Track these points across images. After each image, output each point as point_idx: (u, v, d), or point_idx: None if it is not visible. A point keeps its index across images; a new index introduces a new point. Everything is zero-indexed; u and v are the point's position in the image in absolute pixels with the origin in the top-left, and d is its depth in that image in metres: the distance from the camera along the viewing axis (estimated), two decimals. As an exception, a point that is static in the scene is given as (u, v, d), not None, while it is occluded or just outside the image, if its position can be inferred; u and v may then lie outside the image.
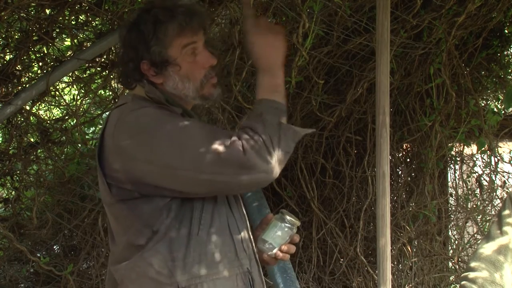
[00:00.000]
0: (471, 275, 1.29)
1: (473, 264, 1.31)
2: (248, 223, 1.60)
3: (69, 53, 2.86)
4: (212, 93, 1.56)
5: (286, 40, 1.54)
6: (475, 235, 3.94)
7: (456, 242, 4.00)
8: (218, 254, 1.43)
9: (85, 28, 2.84)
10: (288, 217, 1.51)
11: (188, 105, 1.59)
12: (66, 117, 3.25)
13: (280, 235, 1.51)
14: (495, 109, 3.90)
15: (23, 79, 2.73)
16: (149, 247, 1.42)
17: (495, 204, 4.09)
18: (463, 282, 1.30)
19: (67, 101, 3.49)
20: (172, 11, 1.49)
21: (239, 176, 1.33)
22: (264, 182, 1.38)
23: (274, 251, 1.52)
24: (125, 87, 1.66)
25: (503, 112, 3.82)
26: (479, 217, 3.94)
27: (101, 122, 3.93)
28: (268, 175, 1.35)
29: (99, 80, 3.19)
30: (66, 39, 3.19)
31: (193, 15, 1.50)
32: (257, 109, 1.43)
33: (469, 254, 3.91)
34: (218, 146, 1.32)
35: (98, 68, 2.94)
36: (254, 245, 1.57)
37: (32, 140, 3.09)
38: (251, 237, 1.57)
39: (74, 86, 3.52)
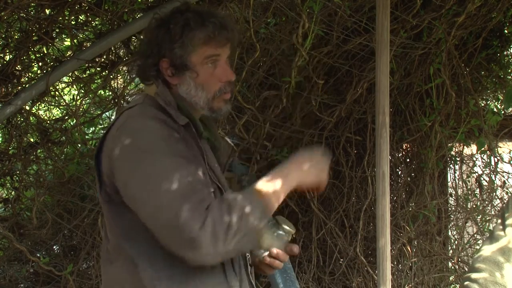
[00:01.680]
0: (474, 275, 1.29)
1: (475, 265, 1.31)
2: None
3: (69, 53, 2.86)
4: (221, 107, 1.54)
5: (321, 188, 1.52)
6: (475, 235, 3.95)
7: (456, 242, 4.01)
8: (206, 277, 1.40)
9: (85, 28, 2.84)
10: (282, 225, 1.49)
11: (197, 113, 1.57)
12: (66, 117, 3.25)
13: (272, 241, 1.50)
14: (495, 109, 3.90)
15: (23, 79, 2.73)
16: (137, 262, 1.41)
17: (495, 204, 4.09)
18: (465, 283, 1.30)
19: (67, 101, 3.49)
20: (204, 20, 1.47)
21: (181, 248, 1.28)
22: (200, 262, 1.31)
23: (264, 254, 1.51)
24: (141, 81, 1.65)
25: (503, 112, 3.82)
26: (479, 217, 3.94)
27: (101, 122, 3.93)
28: (207, 259, 1.28)
29: (99, 80, 3.18)
30: (66, 39, 3.19)
31: (223, 29, 1.49)
32: (254, 197, 1.34)
33: (469, 254, 3.91)
34: (184, 208, 1.25)
35: (98, 68, 2.94)
36: (248, 266, 1.54)
37: (32, 140, 3.09)
38: (247, 258, 1.54)
39: (74, 86, 3.52)
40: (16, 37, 2.72)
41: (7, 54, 2.74)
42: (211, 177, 1.46)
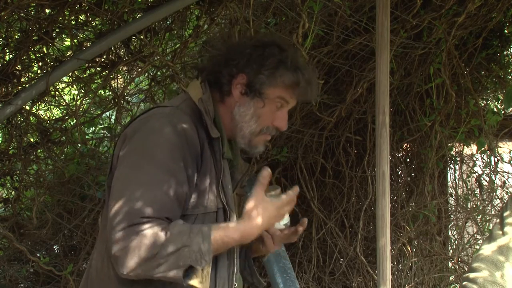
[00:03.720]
0: (472, 275, 1.29)
1: (474, 265, 1.31)
2: (235, 266, 1.52)
3: (69, 53, 2.86)
4: (258, 146, 1.58)
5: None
6: (475, 235, 3.94)
7: (456, 242, 4.00)
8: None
9: (85, 28, 2.84)
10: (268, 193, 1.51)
11: (229, 134, 1.58)
12: (66, 117, 3.25)
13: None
14: (495, 109, 3.90)
15: (23, 79, 2.73)
16: (107, 255, 1.43)
17: (495, 204, 4.09)
18: (464, 283, 1.30)
19: (67, 101, 3.48)
20: (299, 67, 1.53)
21: (111, 257, 1.31)
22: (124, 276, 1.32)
23: (282, 226, 1.58)
24: (194, 72, 1.65)
25: (503, 112, 3.82)
26: (479, 217, 3.94)
27: (101, 122, 3.92)
28: (128, 276, 1.30)
29: (99, 80, 3.18)
30: (66, 39, 3.19)
31: (308, 85, 1.55)
32: (204, 237, 1.31)
33: (469, 254, 3.91)
34: (123, 224, 1.28)
35: (98, 68, 2.94)
36: (234, 275, 1.52)
37: (32, 140, 3.09)
38: (233, 278, 1.52)
39: (74, 86, 3.52)
40: (16, 37, 2.72)
41: (7, 54, 2.74)
42: (221, 196, 1.47)
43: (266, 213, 1.39)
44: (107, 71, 2.92)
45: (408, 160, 4.04)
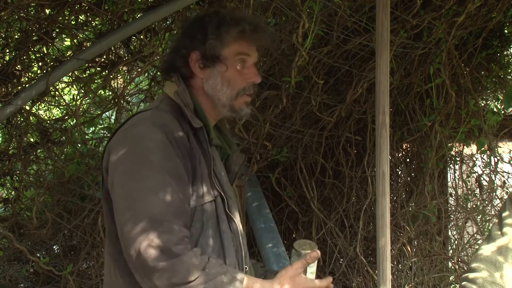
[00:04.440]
0: (472, 275, 1.29)
1: (473, 265, 1.31)
2: (243, 250, 1.53)
3: (69, 53, 2.86)
4: (242, 108, 1.56)
5: None
6: (475, 235, 3.94)
7: (456, 242, 4.00)
8: None
9: (85, 28, 2.84)
10: (303, 251, 1.49)
11: (215, 116, 1.59)
12: (66, 117, 3.25)
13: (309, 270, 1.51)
14: (495, 109, 3.90)
15: (23, 79, 2.73)
16: (115, 264, 1.44)
17: (495, 204, 4.09)
18: (463, 283, 1.30)
19: (67, 101, 3.48)
20: (239, 19, 1.54)
21: (136, 269, 1.30)
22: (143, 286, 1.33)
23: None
24: (162, 75, 1.68)
25: (502, 112, 3.82)
26: (479, 217, 3.94)
27: (101, 122, 3.93)
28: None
29: (99, 80, 3.19)
30: (66, 39, 3.19)
31: (256, 31, 1.55)
32: (233, 278, 1.33)
33: (469, 254, 3.91)
34: (156, 236, 1.27)
35: (98, 68, 2.94)
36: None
37: (32, 140, 3.09)
38: (243, 262, 1.53)
39: (74, 86, 3.52)
40: (16, 37, 2.72)
41: (7, 54, 2.74)
42: (215, 184, 1.47)
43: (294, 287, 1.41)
44: (107, 71, 2.92)
45: (408, 160, 4.04)
